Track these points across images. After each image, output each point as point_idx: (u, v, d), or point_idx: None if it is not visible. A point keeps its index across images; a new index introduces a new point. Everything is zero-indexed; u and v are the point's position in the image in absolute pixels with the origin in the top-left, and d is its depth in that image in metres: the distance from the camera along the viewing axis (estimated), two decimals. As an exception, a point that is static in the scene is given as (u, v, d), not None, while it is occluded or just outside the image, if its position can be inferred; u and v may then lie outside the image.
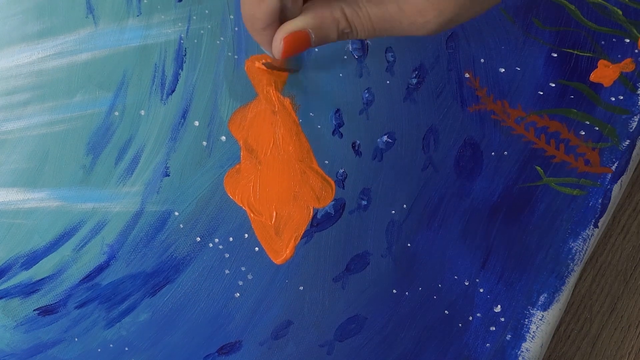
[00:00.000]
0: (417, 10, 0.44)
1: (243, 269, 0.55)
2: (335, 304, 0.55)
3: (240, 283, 0.55)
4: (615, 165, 0.56)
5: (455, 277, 0.55)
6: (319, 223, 0.56)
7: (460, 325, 0.55)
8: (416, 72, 0.59)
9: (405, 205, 0.56)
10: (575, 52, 0.59)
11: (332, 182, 0.57)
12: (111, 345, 0.54)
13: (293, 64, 0.57)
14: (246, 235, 0.56)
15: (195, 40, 0.59)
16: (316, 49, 0.58)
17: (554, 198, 0.56)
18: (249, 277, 0.55)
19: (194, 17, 0.59)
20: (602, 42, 0.59)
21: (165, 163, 0.57)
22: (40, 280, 0.55)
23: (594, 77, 0.58)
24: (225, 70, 0.59)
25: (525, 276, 0.55)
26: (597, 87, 0.58)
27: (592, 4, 0.59)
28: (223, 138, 0.57)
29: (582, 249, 0.55)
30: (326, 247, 0.56)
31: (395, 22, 0.45)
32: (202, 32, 0.59)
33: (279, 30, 0.46)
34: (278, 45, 0.46)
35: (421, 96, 0.58)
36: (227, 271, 0.55)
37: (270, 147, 0.57)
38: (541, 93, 0.58)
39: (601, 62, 0.59)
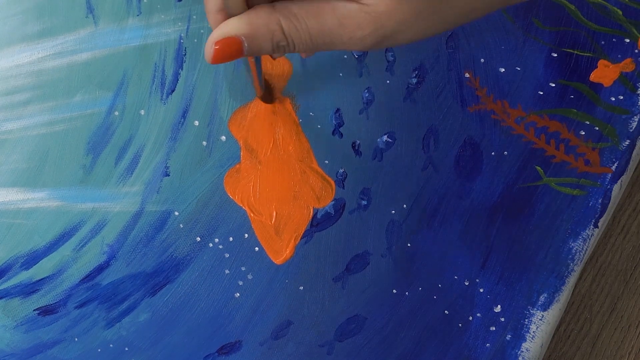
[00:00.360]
0: (356, 24, 0.43)
1: (243, 268, 0.55)
2: (335, 304, 0.55)
3: (240, 283, 0.55)
4: (615, 165, 0.56)
5: (455, 277, 0.55)
6: (319, 223, 0.56)
7: (460, 325, 0.54)
8: (416, 71, 0.59)
9: (405, 205, 0.56)
10: (575, 52, 0.59)
11: (332, 182, 0.57)
12: (111, 345, 0.54)
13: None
14: (246, 235, 0.56)
15: (195, 40, 0.59)
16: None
17: (554, 198, 0.56)
18: (249, 277, 0.55)
19: (194, 17, 0.59)
20: (602, 42, 0.59)
21: (165, 163, 0.57)
22: (40, 280, 0.55)
23: (594, 77, 0.58)
24: (226, 70, 0.59)
25: (525, 276, 0.55)
26: (597, 87, 0.58)
27: (592, 4, 0.59)
28: (223, 138, 0.57)
29: (582, 249, 0.55)
30: (326, 247, 0.56)
31: (334, 37, 0.44)
32: (202, 31, 0.59)
33: (213, 33, 0.44)
34: (210, 49, 0.45)
35: (421, 96, 0.58)
36: (227, 271, 0.55)
37: (270, 147, 0.57)
38: (541, 93, 0.58)
39: (601, 62, 0.59)
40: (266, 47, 0.44)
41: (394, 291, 0.55)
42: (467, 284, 0.55)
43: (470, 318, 0.55)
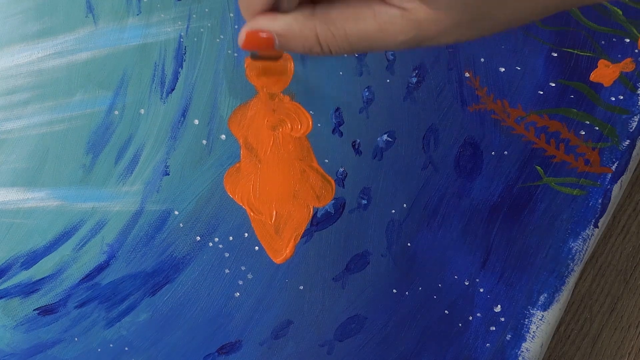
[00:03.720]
0: (398, 30, 0.43)
1: (243, 268, 0.55)
2: (335, 303, 0.55)
3: (240, 282, 0.55)
4: (615, 165, 0.56)
5: (456, 276, 0.55)
6: (319, 222, 0.56)
7: (460, 325, 0.54)
8: (416, 71, 0.59)
9: (405, 205, 0.56)
10: (576, 51, 0.59)
11: (332, 181, 0.57)
12: (111, 345, 0.54)
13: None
14: (246, 235, 0.56)
15: (195, 39, 0.59)
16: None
17: (554, 198, 0.56)
18: (249, 276, 0.55)
19: (194, 16, 0.59)
20: (602, 42, 0.59)
21: (165, 162, 0.57)
22: (40, 279, 0.55)
23: (594, 76, 0.58)
24: (225, 68, 0.59)
25: (525, 276, 0.55)
26: (597, 86, 0.58)
27: (592, 4, 0.59)
28: (223, 136, 0.58)
29: (582, 249, 0.55)
30: (326, 246, 0.56)
31: (374, 41, 0.44)
32: (201, 30, 0.59)
33: (249, 23, 0.45)
34: (242, 35, 0.45)
35: (421, 95, 0.58)
36: (227, 270, 0.55)
37: (270, 146, 0.57)
38: (541, 92, 0.58)
39: (601, 62, 0.59)
40: (297, 49, 0.45)
41: (394, 291, 0.55)
42: (467, 283, 0.55)
43: (471, 318, 0.54)
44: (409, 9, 0.42)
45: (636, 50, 0.59)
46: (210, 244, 0.56)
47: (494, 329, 0.54)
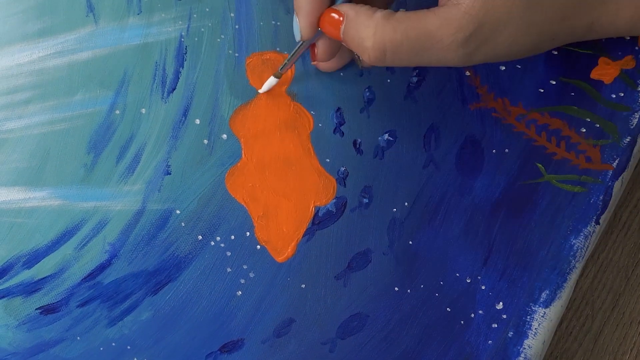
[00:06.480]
0: (458, 25, 0.46)
1: (245, 267, 0.55)
2: (337, 301, 0.55)
3: (242, 281, 0.55)
4: (616, 162, 0.56)
5: (457, 274, 0.55)
6: (320, 221, 0.56)
7: (462, 322, 0.54)
8: (417, 70, 0.59)
9: (406, 203, 0.56)
10: (576, 49, 0.59)
11: (334, 180, 0.57)
12: (113, 344, 0.54)
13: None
14: (248, 234, 0.56)
15: (196, 38, 0.59)
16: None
17: (555, 195, 0.56)
18: (251, 275, 0.55)
19: (195, 15, 0.59)
20: (603, 40, 0.59)
21: (167, 161, 0.57)
22: (42, 279, 0.55)
23: (594, 74, 0.58)
24: (226, 68, 0.59)
25: (527, 273, 0.55)
26: (597, 84, 0.58)
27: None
28: (224, 136, 0.58)
29: (584, 245, 0.55)
30: (328, 245, 0.56)
31: (435, 39, 0.46)
32: (202, 30, 0.59)
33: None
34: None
35: (422, 94, 0.58)
36: (228, 269, 0.55)
37: (272, 145, 0.57)
38: (542, 90, 0.58)
39: (602, 60, 0.58)
40: (354, 40, 0.49)
41: (396, 289, 0.55)
42: (468, 281, 0.55)
43: (472, 315, 0.55)
44: (465, 3, 0.45)
45: (636, 48, 0.58)
46: (212, 243, 0.56)
47: (495, 326, 0.54)
